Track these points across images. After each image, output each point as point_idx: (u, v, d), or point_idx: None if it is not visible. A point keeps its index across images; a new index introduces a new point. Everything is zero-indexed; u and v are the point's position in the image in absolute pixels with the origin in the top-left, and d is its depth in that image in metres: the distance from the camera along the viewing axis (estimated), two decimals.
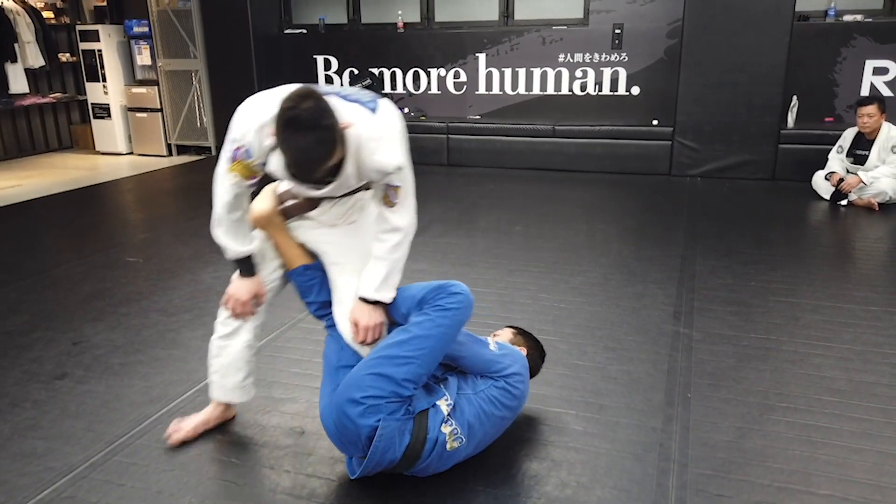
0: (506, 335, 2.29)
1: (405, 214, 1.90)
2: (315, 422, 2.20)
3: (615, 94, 6.81)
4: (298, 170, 1.64)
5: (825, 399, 2.42)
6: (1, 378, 2.67)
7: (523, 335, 2.33)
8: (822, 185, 5.41)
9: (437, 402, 1.91)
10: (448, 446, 1.89)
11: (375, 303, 1.94)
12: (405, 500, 1.89)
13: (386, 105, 1.80)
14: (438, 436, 1.87)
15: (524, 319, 3.08)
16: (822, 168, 5.47)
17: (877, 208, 5.01)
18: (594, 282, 3.66)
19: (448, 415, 1.90)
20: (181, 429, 2.22)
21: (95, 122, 8.30)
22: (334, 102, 1.68)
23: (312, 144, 1.59)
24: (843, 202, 5.19)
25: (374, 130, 1.74)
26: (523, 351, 2.21)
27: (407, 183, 1.87)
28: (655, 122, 6.46)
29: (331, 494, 1.95)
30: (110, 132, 8.25)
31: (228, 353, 2.16)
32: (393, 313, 1.97)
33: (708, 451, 2.13)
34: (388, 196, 1.87)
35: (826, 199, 5.32)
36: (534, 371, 2.26)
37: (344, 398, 1.84)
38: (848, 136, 5.35)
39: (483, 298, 3.43)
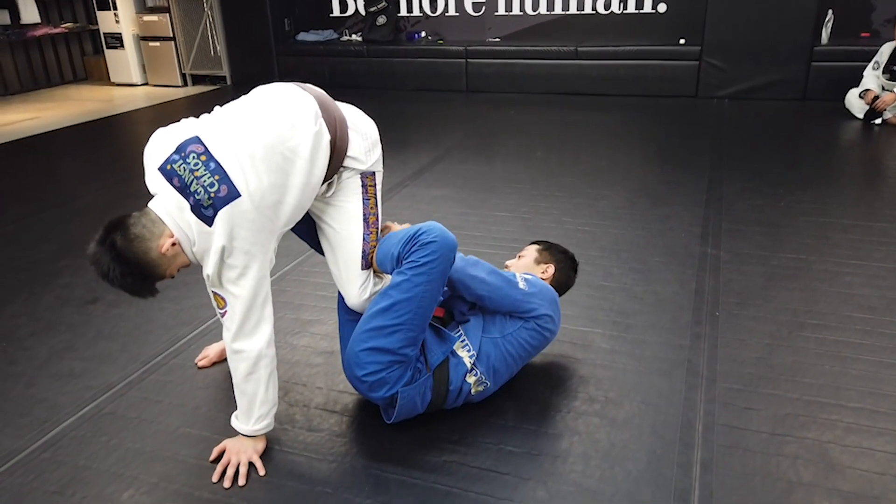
0: (530, 254, 2.21)
1: (238, 335, 1.68)
2: None
3: (641, 12, 6.54)
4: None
5: (856, 316, 2.40)
6: (34, 303, 2.72)
7: (549, 250, 2.22)
8: (855, 103, 5.23)
9: (457, 351, 1.87)
10: (473, 391, 1.90)
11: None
12: (436, 415, 1.92)
13: (223, 216, 1.57)
14: (463, 385, 1.87)
15: None
16: (856, 86, 5.27)
17: None
18: (619, 205, 3.61)
19: (472, 365, 1.86)
20: (208, 355, 2.26)
21: (109, 53, 8.19)
22: (171, 214, 1.60)
23: (119, 280, 1.61)
24: (878, 121, 5.02)
25: (202, 244, 1.61)
26: (551, 268, 2.15)
27: (234, 299, 1.65)
28: (682, 42, 6.22)
29: (362, 410, 1.99)
30: (124, 62, 8.15)
31: None
32: (381, 270, 1.89)
33: (736, 367, 2.13)
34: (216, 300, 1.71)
35: (859, 118, 5.15)
36: (567, 284, 2.20)
37: (349, 373, 1.85)
38: (885, 51, 5.12)
39: (506, 223, 3.41)
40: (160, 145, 1.65)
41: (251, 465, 1.76)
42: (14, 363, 2.30)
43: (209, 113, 1.73)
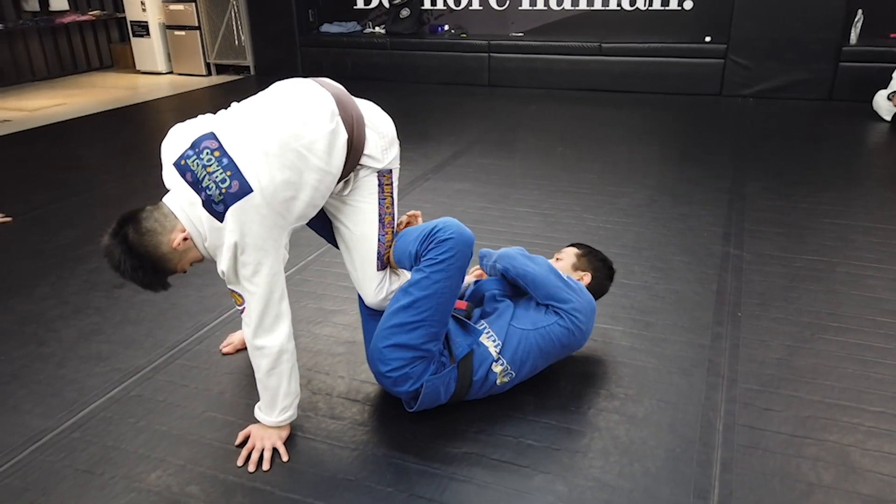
0: (569, 258, 2.20)
1: (258, 332, 1.70)
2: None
3: (666, 8, 6.49)
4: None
5: (879, 320, 2.38)
6: (62, 287, 2.78)
7: (588, 257, 2.22)
8: (883, 105, 5.16)
9: (482, 341, 1.89)
10: (498, 381, 1.91)
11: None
12: (456, 407, 1.94)
13: (234, 212, 1.58)
14: (489, 375, 1.89)
15: (569, 239, 3.05)
16: (885, 87, 5.20)
17: None
18: (640, 203, 3.61)
19: (498, 354, 1.89)
20: (232, 342, 2.30)
21: (135, 41, 8.27)
22: (183, 209, 1.62)
23: (130, 273, 1.64)
24: None
25: (214, 239, 1.63)
26: (588, 277, 2.14)
27: (250, 296, 1.67)
28: (708, 39, 6.17)
29: (384, 400, 2.01)
30: (149, 51, 8.23)
31: None
32: (399, 266, 1.90)
33: (757, 368, 2.13)
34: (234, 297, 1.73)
35: (887, 121, 5.09)
36: (600, 293, 2.20)
37: (374, 369, 1.88)
38: None
39: (528, 218, 3.42)
40: (176, 141, 1.67)
41: (275, 450, 1.80)
42: (44, 344, 2.35)
43: (226, 108, 1.75)
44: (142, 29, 8.15)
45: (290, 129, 1.64)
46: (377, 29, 7.58)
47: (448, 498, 1.64)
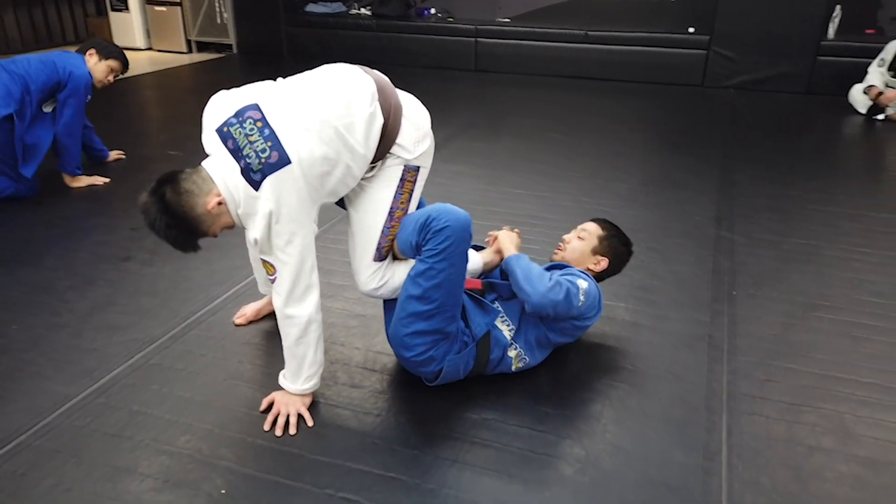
0: (591, 240, 2.18)
1: (289, 301, 1.74)
2: (378, 307, 2.27)
3: None
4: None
5: (866, 300, 2.52)
6: (71, 258, 2.77)
7: (611, 241, 2.18)
8: (858, 98, 5.34)
9: (497, 325, 1.96)
10: (513, 367, 2.00)
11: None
12: (471, 378, 2.01)
13: (270, 182, 1.62)
14: (504, 358, 1.97)
15: (567, 221, 3.13)
16: (860, 82, 5.38)
17: None
18: (634, 188, 3.71)
19: (511, 339, 1.97)
20: (244, 314, 2.34)
21: (113, 15, 8.11)
22: (222, 175, 1.66)
23: (164, 231, 1.68)
24: (880, 117, 5.14)
25: (247, 207, 1.66)
26: (605, 262, 2.16)
27: (282, 266, 1.71)
28: (692, 31, 6.30)
29: (401, 370, 2.07)
30: (128, 26, 8.08)
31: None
32: (404, 256, 1.92)
33: (755, 343, 2.24)
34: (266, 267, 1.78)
35: (862, 114, 5.27)
36: (613, 274, 2.22)
37: (397, 353, 1.94)
38: (891, 48, 5.23)
39: (525, 200, 3.49)
40: (220, 107, 1.71)
41: (300, 416, 1.85)
42: (57, 314, 2.36)
43: (274, 80, 1.79)
44: (121, 3, 8.00)
45: (332, 109, 1.70)
46: (363, 10, 7.55)
47: (472, 459, 1.72)
